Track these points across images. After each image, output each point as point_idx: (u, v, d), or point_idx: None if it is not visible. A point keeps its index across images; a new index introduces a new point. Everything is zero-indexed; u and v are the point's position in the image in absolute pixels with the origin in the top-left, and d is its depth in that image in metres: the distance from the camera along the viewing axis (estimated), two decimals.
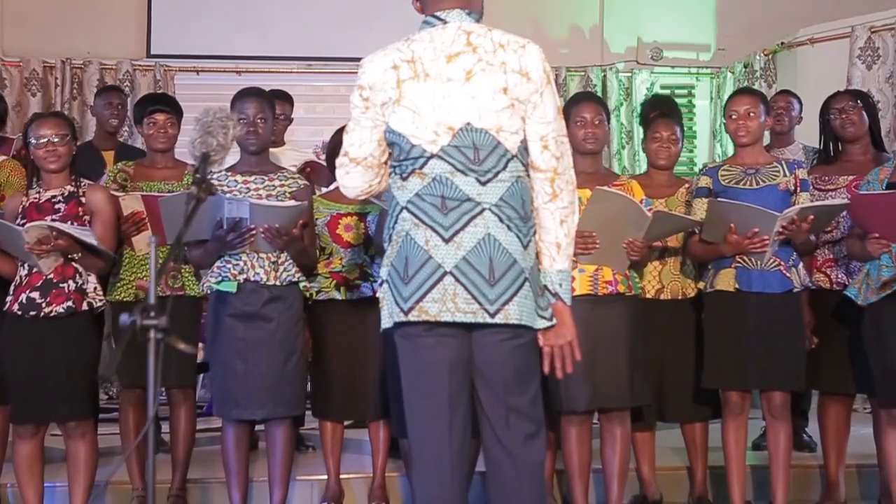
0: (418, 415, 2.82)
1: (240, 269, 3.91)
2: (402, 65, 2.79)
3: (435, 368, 2.77)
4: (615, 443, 4.07)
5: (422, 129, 2.78)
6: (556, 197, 2.83)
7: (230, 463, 4.00)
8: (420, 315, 2.74)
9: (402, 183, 2.82)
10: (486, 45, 2.81)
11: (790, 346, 4.06)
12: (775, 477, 4.13)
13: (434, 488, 2.79)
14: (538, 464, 2.85)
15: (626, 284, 4.03)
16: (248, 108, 3.97)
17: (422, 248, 2.76)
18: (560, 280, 2.86)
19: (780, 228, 3.95)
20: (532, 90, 2.79)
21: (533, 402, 2.83)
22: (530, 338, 2.83)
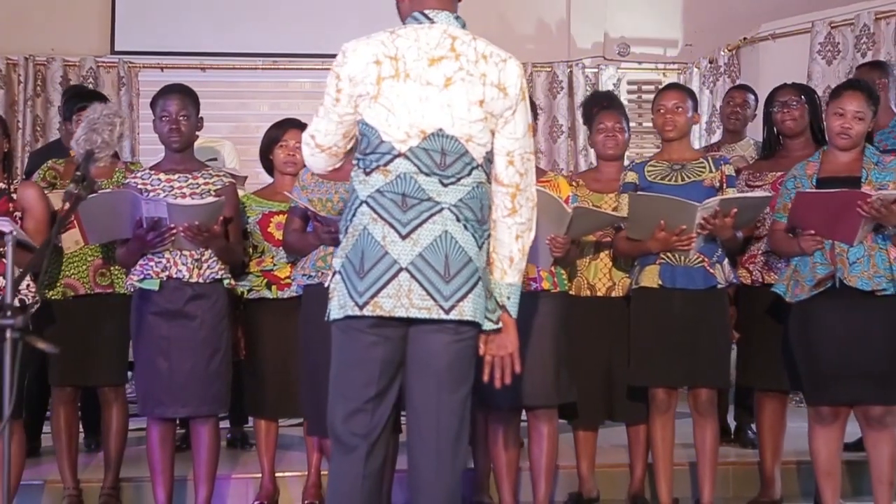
0: (343, 409, 2.82)
1: (162, 266, 3.90)
2: (385, 61, 2.79)
3: (367, 366, 2.79)
4: (542, 440, 4.06)
5: (394, 128, 2.79)
6: (516, 212, 2.87)
7: (155, 461, 3.99)
8: (374, 310, 2.75)
9: (364, 177, 2.82)
10: (469, 54, 2.81)
11: (715, 342, 4.05)
12: (702, 474, 4.12)
13: (347, 478, 2.81)
14: (458, 465, 2.85)
15: (550, 281, 4.02)
16: (170, 105, 3.96)
17: (378, 244, 2.76)
18: (509, 293, 2.89)
19: (702, 221, 3.93)
20: (507, 106, 2.82)
21: (463, 402, 2.84)
22: (471, 337, 2.84)
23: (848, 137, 3.86)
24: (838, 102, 3.91)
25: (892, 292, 3.73)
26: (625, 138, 4.44)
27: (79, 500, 4.34)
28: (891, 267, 3.74)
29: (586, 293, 4.35)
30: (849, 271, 3.75)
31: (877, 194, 3.69)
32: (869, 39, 6.83)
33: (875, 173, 3.84)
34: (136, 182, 3.99)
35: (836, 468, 3.93)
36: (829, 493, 3.92)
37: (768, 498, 4.44)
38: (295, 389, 4.24)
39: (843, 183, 3.81)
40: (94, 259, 4.24)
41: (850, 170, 3.86)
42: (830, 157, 3.95)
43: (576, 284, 4.35)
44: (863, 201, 3.68)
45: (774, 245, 4.10)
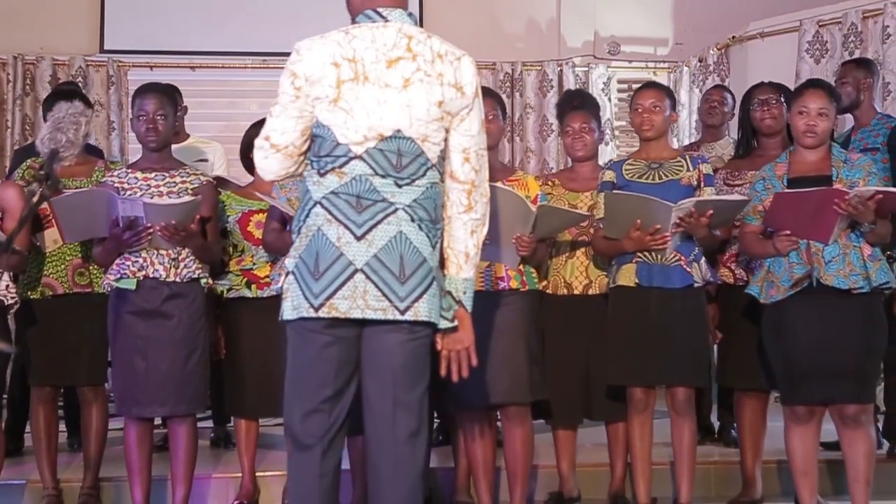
0: (300, 409, 2.83)
1: (139, 266, 3.89)
2: (343, 63, 2.78)
3: (323, 367, 2.79)
4: (516, 441, 4.06)
5: (352, 130, 2.78)
6: (471, 209, 2.88)
7: (132, 461, 4.00)
8: (330, 312, 2.75)
9: (318, 178, 2.82)
10: (425, 54, 2.81)
11: (691, 341, 4.04)
12: (679, 473, 4.12)
13: (304, 478, 2.82)
14: (417, 463, 2.86)
15: (519, 280, 4.02)
16: (147, 104, 3.95)
17: (333, 245, 2.76)
18: (465, 288, 2.91)
19: (678, 220, 3.93)
20: (464, 104, 2.84)
21: (420, 400, 2.85)
22: (425, 335, 2.84)
23: (814, 135, 3.86)
24: (801, 101, 3.91)
25: (867, 290, 3.73)
26: (594, 139, 4.43)
27: (58, 499, 4.35)
28: (865, 265, 3.74)
29: (563, 291, 4.35)
30: (825, 270, 3.75)
31: (855, 191, 3.69)
32: (856, 38, 6.82)
33: (845, 171, 3.84)
34: (114, 181, 3.99)
35: (812, 467, 3.93)
36: (807, 492, 3.92)
37: (748, 497, 4.43)
38: (275, 389, 4.17)
39: (814, 182, 3.82)
40: (72, 258, 4.24)
41: (820, 169, 3.87)
42: (798, 157, 3.96)
43: (553, 283, 4.35)
44: (840, 199, 3.67)
45: (746, 248, 4.10)
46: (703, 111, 5.60)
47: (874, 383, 3.88)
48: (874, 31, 6.72)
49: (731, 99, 5.59)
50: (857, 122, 5.05)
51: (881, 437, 4.97)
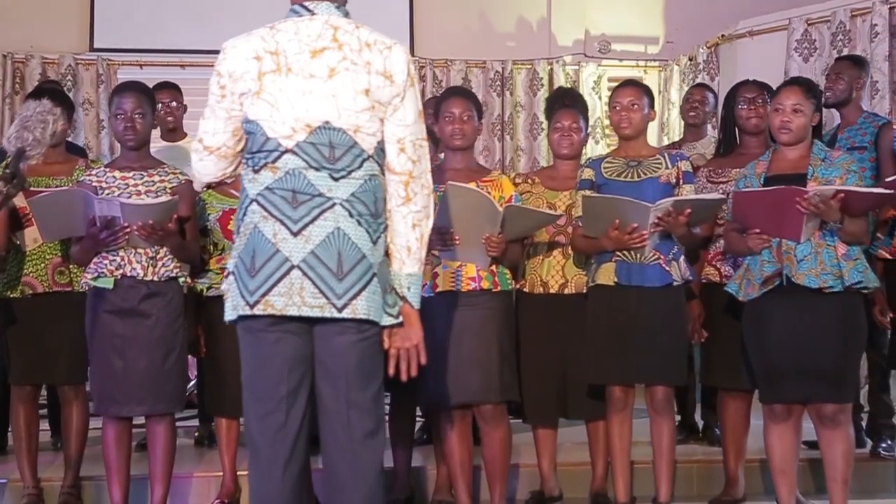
0: (256, 410, 2.81)
1: (116, 265, 3.88)
2: (265, 56, 2.76)
3: (276, 365, 2.76)
4: (494, 444, 4.06)
5: (279, 123, 2.75)
6: (410, 200, 2.83)
7: (110, 460, 3.98)
8: (266, 309, 2.72)
9: (253, 175, 2.80)
10: (352, 43, 2.78)
11: (670, 340, 4.04)
12: (658, 472, 4.12)
13: (267, 482, 2.78)
14: (375, 463, 2.82)
15: (490, 280, 4.02)
16: (125, 103, 3.94)
17: (269, 242, 2.74)
18: (409, 283, 2.85)
19: (656, 220, 3.93)
20: (394, 93, 2.79)
21: (374, 399, 2.82)
22: (374, 334, 2.81)
23: (788, 131, 3.84)
24: (777, 99, 3.91)
25: (839, 290, 3.72)
26: (580, 138, 4.43)
27: (38, 499, 4.34)
28: (838, 264, 3.72)
29: (539, 290, 4.35)
30: (796, 269, 3.74)
31: (814, 190, 3.67)
32: (845, 36, 6.82)
33: (821, 170, 3.82)
34: (91, 180, 3.98)
35: (790, 466, 3.92)
36: (785, 491, 3.91)
37: (730, 497, 4.43)
38: None
39: (789, 180, 3.80)
40: (52, 257, 4.24)
41: (797, 167, 3.86)
42: (779, 155, 3.95)
43: (529, 282, 4.35)
44: (800, 198, 3.66)
45: (727, 245, 4.10)
46: (685, 110, 5.61)
47: (852, 383, 3.86)
48: (862, 30, 6.71)
49: (713, 97, 5.59)
50: (844, 120, 5.04)
51: (864, 436, 4.98)
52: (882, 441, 4.80)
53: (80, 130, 7.92)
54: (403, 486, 4.53)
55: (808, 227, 3.72)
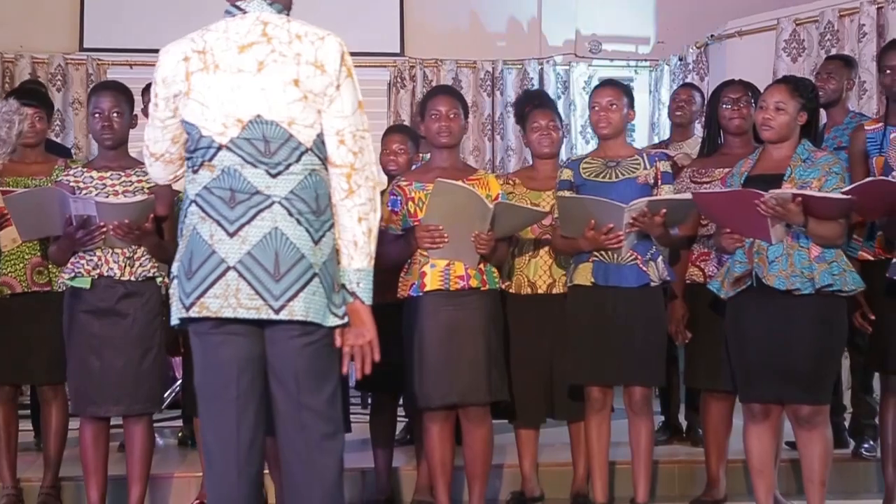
0: (207, 413, 2.80)
1: (93, 264, 3.88)
2: (193, 56, 2.75)
3: (223, 367, 2.74)
4: (476, 444, 4.04)
5: (211, 120, 2.74)
6: (353, 193, 2.78)
7: (88, 461, 3.97)
8: (201, 311, 2.70)
9: (192, 176, 2.78)
10: (281, 36, 2.76)
11: (647, 340, 4.04)
12: (636, 473, 4.11)
13: (222, 486, 2.76)
14: (332, 466, 2.80)
15: (479, 279, 4.00)
16: (102, 102, 3.93)
17: (206, 243, 2.71)
18: (358, 279, 2.80)
19: (631, 220, 3.92)
20: (327, 83, 2.74)
21: (329, 401, 2.79)
22: (324, 335, 2.77)
23: (769, 128, 3.83)
24: (762, 97, 3.92)
25: (808, 292, 3.69)
26: (559, 136, 4.44)
27: (18, 499, 4.34)
28: (811, 266, 3.70)
29: (527, 290, 4.35)
30: (767, 270, 3.72)
31: (771, 193, 3.65)
32: (833, 36, 6.81)
33: (800, 170, 3.80)
34: (69, 179, 3.98)
35: (768, 466, 3.91)
36: (762, 491, 3.90)
37: (711, 497, 4.42)
38: None
39: (769, 180, 3.78)
40: (31, 257, 4.23)
41: (779, 167, 3.84)
42: (766, 154, 3.94)
43: (516, 282, 4.35)
44: (759, 200, 3.65)
45: (715, 243, 4.10)
46: (672, 109, 5.61)
47: (829, 385, 3.83)
48: (850, 30, 6.71)
49: (700, 97, 5.59)
50: (831, 119, 5.04)
51: (847, 437, 4.97)
52: (864, 441, 4.79)
53: (69, 130, 7.93)
54: (384, 487, 4.53)
55: (776, 228, 3.71)
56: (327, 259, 2.77)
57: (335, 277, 2.78)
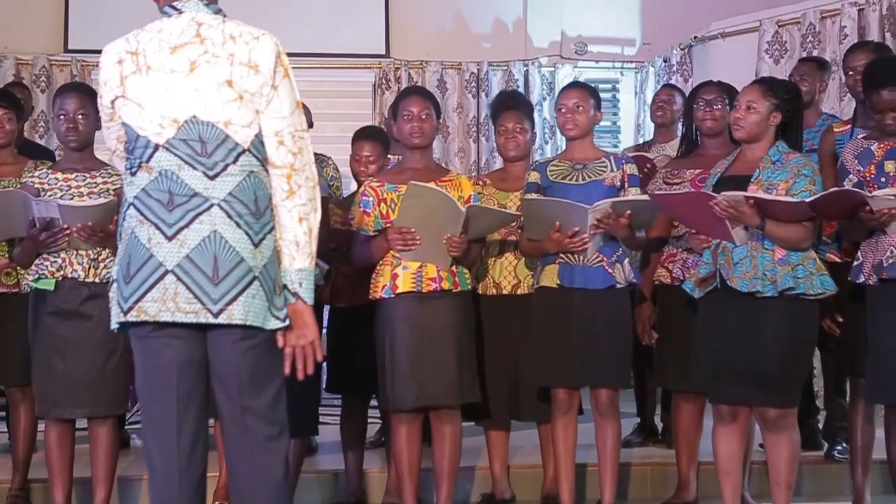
0: (148, 417, 2.78)
1: (57, 266, 3.87)
2: (127, 58, 2.75)
3: (163, 370, 2.72)
4: (444, 442, 4.03)
5: (147, 121, 2.73)
6: (294, 194, 2.77)
7: (53, 462, 3.96)
8: (139, 315, 2.69)
9: (131, 178, 2.77)
10: (215, 37, 2.74)
11: (613, 342, 4.03)
12: (603, 475, 4.09)
13: (163, 491, 2.75)
14: (277, 466, 2.78)
15: (451, 281, 3.99)
16: (67, 104, 3.92)
17: (144, 246, 2.70)
18: (300, 279, 2.78)
19: (595, 222, 3.91)
20: (261, 83, 2.73)
21: (272, 404, 2.77)
22: (266, 338, 2.76)
23: (739, 128, 3.82)
24: (737, 97, 3.92)
25: (771, 294, 3.68)
26: (526, 139, 4.43)
27: None
28: (773, 268, 3.68)
29: (492, 291, 4.35)
30: (732, 271, 3.71)
31: (723, 195, 3.64)
32: (815, 38, 6.82)
33: (768, 172, 3.78)
34: (34, 181, 3.97)
35: (735, 468, 3.89)
36: (729, 492, 3.88)
37: (681, 499, 4.40)
38: None
39: (738, 181, 3.77)
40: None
41: (751, 168, 3.82)
42: (741, 155, 3.92)
43: (482, 283, 4.35)
44: (713, 202, 3.64)
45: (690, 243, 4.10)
46: (653, 110, 5.61)
47: (797, 388, 3.82)
48: (832, 32, 6.71)
49: (682, 98, 5.57)
50: (804, 122, 5.01)
51: (821, 439, 4.96)
52: (837, 444, 4.78)
53: (53, 133, 7.90)
54: (355, 489, 4.52)
55: (738, 230, 3.70)
56: (268, 262, 2.75)
57: (276, 280, 2.77)
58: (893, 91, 3.74)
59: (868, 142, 3.86)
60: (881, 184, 3.75)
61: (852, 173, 3.83)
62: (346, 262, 4.40)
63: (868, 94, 3.85)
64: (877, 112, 3.82)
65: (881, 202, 3.65)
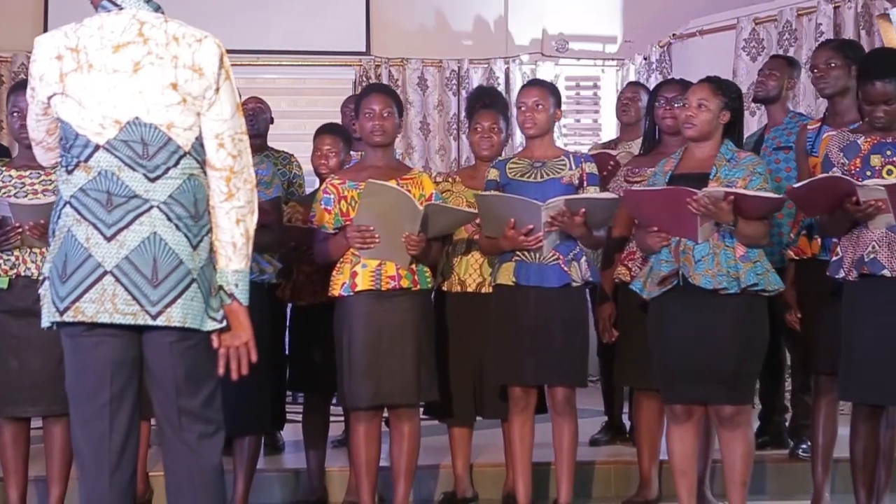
0: (78, 416, 2.76)
1: (11, 264, 3.85)
2: (66, 54, 2.71)
3: (96, 369, 2.71)
4: (402, 440, 4.03)
5: (87, 121, 2.70)
6: (233, 196, 2.77)
7: (7, 461, 3.95)
8: (76, 315, 2.67)
9: (67, 176, 2.74)
10: (158, 38, 2.72)
11: (569, 340, 4.02)
12: (559, 473, 4.09)
13: (93, 491, 2.73)
14: (211, 463, 2.78)
15: (410, 279, 3.98)
16: (21, 101, 3.88)
17: (82, 246, 2.68)
18: (236, 280, 2.79)
19: (549, 220, 3.90)
20: (205, 86, 2.72)
21: (206, 403, 2.77)
22: (201, 339, 2.75)
23: (691, 126, 3.81)
24: (685, 96, 3.91)
25: (734, 291, 3.68)
26: (500, 139, 4.42)
27: None
28: (736, 265, 3.68)
29: (457, 289, 4.35)
30: (694, 269, 3.70)
31: (704, 191, 3.64)
32: (791, 35, 6.82)
33: (725, 170, 3.78)
34: None
35: (690, 467, 3.88)
36: (685, 492, 3.88)
37: (643, 498, 4.40)
38: None
39: (693, 179, 3.76)
40: None
41: (703, 167, 3.82)
42: (689, 154, 3.92)
43: (448, 281, 4.35)
44: (691, 198, 3.63)
45: (637, 243, 4.08)
46: (618, 109, 5.59)
47: (751, 385, 3.84)
48: (808, 29, 6.71)
49: (647, 96, 5.55)
50: (771, 119, 5.02)
51: (787, 437, 4.95)
52: (802, 442, 4.76)
53: None
54: (316, 488, 4.51)
55: (704, 227, 3.69)
56: (205, 264, 2.75)
57: (212, 281, 2.77)
58: (887, 83, 3.67)
59: (855, 135, 3.82)
60: (866, 177, 3.71)
61: (836, 166, 3.80)
62: (306, 260, 4.40)
63: (861, 84, 3.77)
64: (868, 103, 3.74)
65: (870, 192, 3.61)
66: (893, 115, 3.70)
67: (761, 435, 4.99)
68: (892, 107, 3.68)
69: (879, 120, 3.72)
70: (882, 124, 3.73)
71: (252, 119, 5.41)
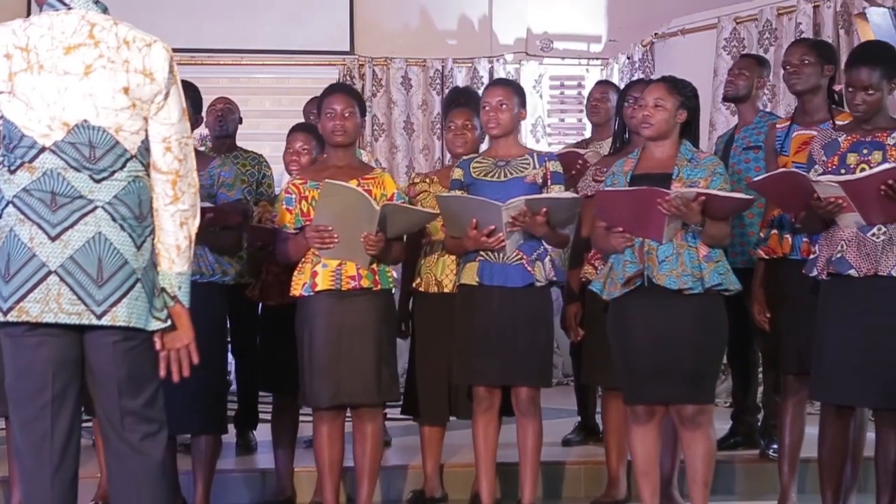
0: (19, 417, 2.74)
1: None
2: (16, 53, 2.69)
3: (37, 369, 2.70)
4: (365, 441, 4.03)
5: (35, 121, 2.69)
6: (178, 199, 2.78)
7: None
8: (20, 315, 2.66)
9: (9, 176, 2.73)
10: (109, 41, 2.72)
11: (533, 341, 4.02)
12: (523, 474, 4.08)
13: (35, 491, 2.72)
14: (155, 463, 2.77)
15: (370, 279, 3.97)
16: None
17: (26, 246, 2.67)
18: (179, 283, 2.80)
19: (510, 220, 3.89)
20: (155, 91, 2.73)
21: (149, 403, 2.77)
22: (144, 339, 2.75)
23: (648, 125, 3.81)
24: (642, 95, 3.90)
25: (699, 291, 3.68)
26: (475, 136, 4.41)
27: None
28: (700, 265, 3.68)
29: (434, 289, 4.34)
30: (658, 270, 3.70)
31: (675, 192, 3.63)
32: (771, 35, 6.82)
33: (687, 170, 3.78)
34: None
35: (653, 467, 3.87)
36: (648, 493, 3.86)
37: (611, 498, 4.40)
38: None
39: (655, 179, 3.76)
40: None
41: (664, 166, 3.81)
42: (647, 153, 3.91)
43: (424, 281, 4.36)
44: (662, 199, 3.63)
45: (595, 242, 4.06)
46: (588, 109, 5.58)
47: (712, 384, 3.83)
48: (788, 28, 6.71)
49: (616, 96, 5.54)
50: (741, 119, 5.01)
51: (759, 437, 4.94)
52: (773, 442, 4.75)
53: None
54: (284, 488, 4.50)
55: (669, 228, 3.68)
56: (147, 264, 2.76)
57: (155, 282, 2.78)
58: (872, 71, 3.65)
59: (837, 133, 3.82)
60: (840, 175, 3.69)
61: (818, 164, 3.79)
62: (275, 260, 4.39)
63: (847, 69, 3.75)
64: (849, 87, 3.71)
65: (826, 189, 3.61)
66: (872, 105, 3.67)
67: (733, 435, 5.00)
68: (872, 97, 3.66)
69: (858, 108, 3.70)
70: (860, 113, 3.70)
71: (221, 120, 5.44)
